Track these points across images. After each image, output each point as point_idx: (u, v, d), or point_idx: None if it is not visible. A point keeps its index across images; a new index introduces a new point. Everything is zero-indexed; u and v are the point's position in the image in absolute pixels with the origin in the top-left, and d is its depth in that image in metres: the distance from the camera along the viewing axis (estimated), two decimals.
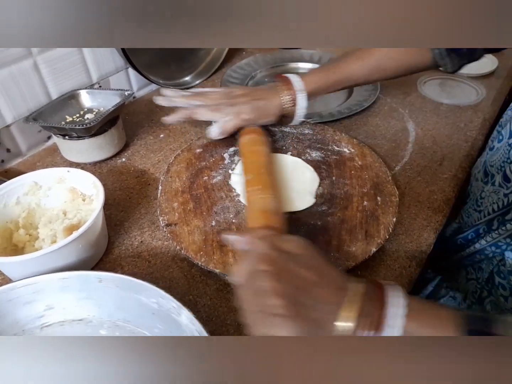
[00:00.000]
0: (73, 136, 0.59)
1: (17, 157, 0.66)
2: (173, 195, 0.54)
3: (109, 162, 0.65)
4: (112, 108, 0.59)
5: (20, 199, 0.50)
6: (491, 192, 0.54)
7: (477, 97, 0.76)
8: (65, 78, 0.68)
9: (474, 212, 0.58)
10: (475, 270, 0.58)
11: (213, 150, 0.62)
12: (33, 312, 0.41)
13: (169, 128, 0.72)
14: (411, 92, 0.79)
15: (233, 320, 0.42)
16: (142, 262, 0.49)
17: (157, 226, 0.53)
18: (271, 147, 0.60)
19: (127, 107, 0.77)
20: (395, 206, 0.51)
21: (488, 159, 0.57)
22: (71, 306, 0.42)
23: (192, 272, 0.47)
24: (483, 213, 0.55)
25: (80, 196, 0.51)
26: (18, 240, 0.47)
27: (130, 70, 0.79)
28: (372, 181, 0.54)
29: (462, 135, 0.68)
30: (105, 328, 0.41)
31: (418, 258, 0.48)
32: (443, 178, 0.59)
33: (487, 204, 0.54)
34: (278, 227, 0.43)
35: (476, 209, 0.58)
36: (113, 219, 0.54)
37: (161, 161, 0.65)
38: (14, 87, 0.61)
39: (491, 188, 0.54)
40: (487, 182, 0.56)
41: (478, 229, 0.57)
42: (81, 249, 0.44)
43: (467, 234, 0.59)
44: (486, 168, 0.57)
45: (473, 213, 0.59)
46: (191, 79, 0.85)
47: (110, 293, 0.41)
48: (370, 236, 0.47)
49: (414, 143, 0.66)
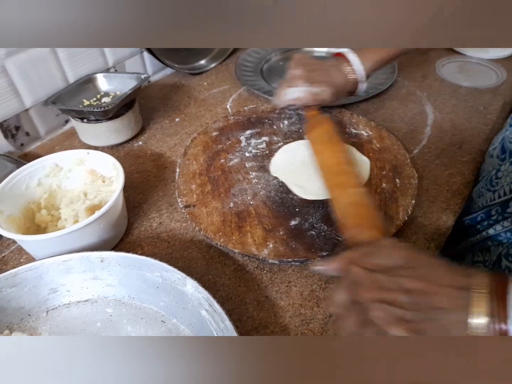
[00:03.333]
0: (91, 119, 0.60)
1: (36, 141, 0.67)
2: (190, 177, 0.54)
3: (126, 145, 0.65)
4: (129, 91, 0.60)
5: (41, 181, 0.50)
6: (510, 171, 0.52)
7: (497, 79, 0.75)
8: (82, 62, 0.68)
9: (487, 192, 0.56)
10: (482, 253, 0.56)
11: (229, 133, 0.62)
12: (38, 296, 0.42)
13: (184, 112, 0.72)
14: (429, 75, 0.77)
15: (252, 299, 0.43)
16: (161, 243, 0.49)
17: (175, 208, 0.54)
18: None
19: (142, 91, 0.77)
20: (414, 188, 0.50)
21: (508, 135, 0.56)
22: (76, 288, 0.43)
23: (210, 253, 0.48)
24: (498, 193, 0.53)
25: (100, 178, 0.52)
26: (40, 220, 0.48)
27: (145, 54, 0.79)
28: (390, 163, 0.54)
29: (482, 118, 0.66)
30: (111, 307, 0.42)
31: (437, 241, 0.48)
32: (462, 161, 0.58)
33: (504, 184, 0.53)
34: (378, 224, 0.41)
35: (489, 188, 0.56)
36: (131, 201, 0.55)
37: (177, 144, 0.65)
38: (33, 71, 0.62)
39: (510, 167, 0.52)
40: (504, 159, 0.54)
41: (490, 210, 0.55)
42: (102, 229, 0.45)
43: (476, 216, 0.57)
44: (504, 145, 0.56)
45: (485, 193, 0.57)
46: (206, 62, 0.85)
47: (113, 272, 0.42)
48: (389, 218, 0.47)
49: (433, 126, 0.65)
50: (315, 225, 0.47)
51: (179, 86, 0.80)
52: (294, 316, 0.41)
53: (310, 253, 0.44)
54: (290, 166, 0.55)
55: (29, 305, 0.42)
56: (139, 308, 0.42)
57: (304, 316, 0.41)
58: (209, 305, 0.37)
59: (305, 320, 0.41)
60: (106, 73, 0.68)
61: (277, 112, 0.65)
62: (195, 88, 0.79)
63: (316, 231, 0.46)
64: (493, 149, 0.59)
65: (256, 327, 0.41)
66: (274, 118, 0.64)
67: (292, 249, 0.44)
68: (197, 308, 0.38)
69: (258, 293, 0.43)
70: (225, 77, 0.82)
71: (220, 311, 0.36)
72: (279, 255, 0.44)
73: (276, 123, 0.63)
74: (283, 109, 0.64)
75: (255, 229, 0.47)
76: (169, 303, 0.41)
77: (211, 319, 0.37)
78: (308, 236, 0.46)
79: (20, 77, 0.61)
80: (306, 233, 0.46)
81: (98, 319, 0.41)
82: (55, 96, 0.61)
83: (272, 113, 0.65)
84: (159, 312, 0.41)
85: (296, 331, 0.40)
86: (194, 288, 0.38)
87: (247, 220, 0.48)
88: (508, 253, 0.52)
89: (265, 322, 0.41)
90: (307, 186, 0.52)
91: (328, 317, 0.41)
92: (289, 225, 0.47)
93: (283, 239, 0.45)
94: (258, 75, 0.79)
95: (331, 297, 0.35)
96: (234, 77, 0.79)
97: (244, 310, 0.42)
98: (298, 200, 0.50)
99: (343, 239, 0.44)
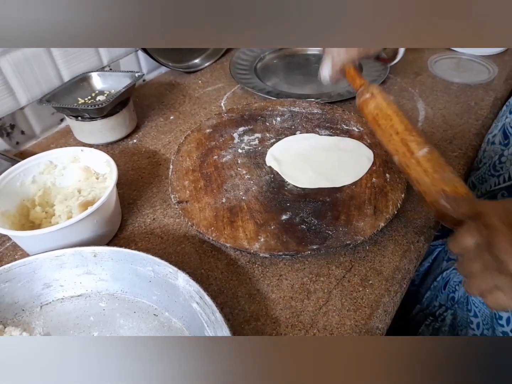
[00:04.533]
0: (85, 117, 0.61)
1: (31, 139, 0.68)
2: (184, 173, 0.55)
3: (120, 143, 0.66)
4: (123, 89, 0.60)
5: (36, 178, 0.51)
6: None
7: (489, 75, 0.75)
8: (77, 61, 0.68)
9: (491, 177, 0.57)
10: None
11: (222, 130, 0.62)
12: (31, 291, 0.42)
13: (179, 110, 0.73)
14: (421, 71, 0.78)
15: (244, 292, 0.43)
16: (155, 238, 0.50)
17: (168, 204, 0.54)
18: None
19: (137, 90, 0.78)
20: (403, 182, 0.51)
21: (508, 122, 0.56)
22: (69, 283, 0.43)
23: (203, 248, 0.48)
24: (503, 177, 0.54)
25: (94, 175, 0.52)
26: (35, 217, 0.49)
27: (139, 53, 0.79)
28: (381, 158, 0.55)
29: (473, 114, 0.67)
30: (104, 301, 0.43)
31: (427, 234, 0.49)
32: (452, 156, 0.59)
33: (509, 167, 0.53)
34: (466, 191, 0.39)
35: (493, 174, 0.56)
36: (126, 198, 0.56)
37: (172, 142, 0.65)
38: (28, 69, 0.62)
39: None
40: (507, 144, 0.55)
41: (495, 194, 0.55)
42: (96, 225, 0.45)
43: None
44: (506, 130, 0.56)
45: (489, 178, 0.57)
46: (200, 61, 0.85)
47: (106, 266, 0.42)
48: (378, 211, 0.47)
49: (424, 122, 0.65)
50: (306, 219, 0.47)
51: (174, 85, 0.81)
52: (285, 308, 0.42)
53: (300, 247, 0.44)
54: (285, 157, 0.56)
55: (23, 300, 0.42)
56: (132, 302, 0.43)
57: (294, 308, 0.42)
58: (199, 298, 0.37)
59: (295, 313, 0.41)
60: (100, 72, 0.68)
61: (270, 109, 0.66)
62: (189, 86, 0.80)
63: (306, 225, 0.47)
64: (492, 137, 0.60)
65: (248, 320, 0.41)
66: (267, 115, 0.65)
67: (283, 243, 0.45)
68: (189, 301, 0.39)
69: (250, 286, 0.44)
70: (219, 75, 0.83)
71: (210, 304, 0.36)
72: (270, 248, 0.44)
73: (268, 120, 0.64)
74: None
75: (247, 223, 0.47)
76: (161, 296, 0.41)
77: (202, 312, 0.38)
78: (299, 230, 0.46)
79: (15, 76, 0.61)
80: (297, 227, 0.47)
81: (91, 314, 0.42)
82: (50, 95, 0.61)
83: (265, 110, 0.66)
84: (151, 305, 0.42)
85: (287, 323, 0.40)
86: (185, 281, 0.39)
87: (239, 215, 0.48)
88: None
89: (257, 315, 0.41)
90: (300, 175, 0.53)
91: (318, 309, 0.42)
92: (280, 219, 0.48)
93: (274, 233, 0.46)
94: (252, 73, 0.80)
95: (456, 239, 0.33)
96: (228, 75, 0.80)
97: (236, 303, 0.43)
98: (289, 195, 0.51)
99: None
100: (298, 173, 0.54)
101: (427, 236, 0.48)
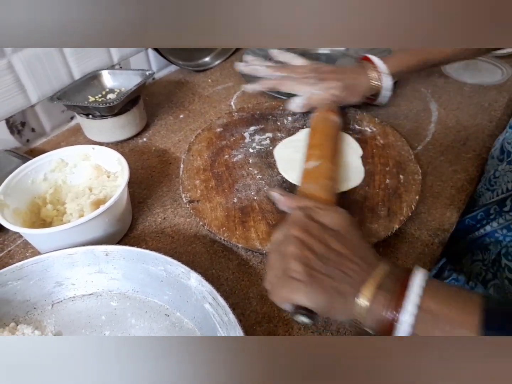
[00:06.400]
0: (96, 115, 0.60)
1: (42, 137, 0.68)
2: (194, 173, 0.55)
3: (130, 142, 0.66)
4: (133, 88, 0.60)
5: (47, 176, 0.51)
6: (507, 170, 0.53)
7: (502, 76, 0.74)
8: (87, 59, 0.68)
9: (487, 191, 0.57)
10: (481, 251, 0.57)
11: (233, 129, 0.62)
12: (43, 290, 0.42)
13: (188, 109, 0.73)
14: (434, 72, 0.77)
15: (256, 293, 0.43)
16: (165, 238, 0.50)
17: (179, 203, 0.54)
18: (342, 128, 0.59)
19: (147, 88, 0.78)
20: (418, 184, 0.50)
21: (507, 137, 0.56)
22: (81, 281, 0.43)
23: (214, 248, 0.48)
24: (496, 192, 0.55)
25: (105, 173, 0.52)
26: (46, 215, 0.49)
27: (150, 51, 0.79)
28: (394, 159, 0.54)
29: (486, 115, 0.66)
30: (115, 301, 0.43)
31: (441, 237, 0.48)
32: (466, 157, 0.58)
33: (501, 183, 0.54)
34: (327, 198, 0.44)
35: (489, 188, 0.57)
36: (136, 196, 0.55)
37: (182, 140, 0.65)
38: (39, 67, 0.62)
39: (507, 167, 0.53)
40: (502, 160, 0.55)
41: (489, 208, 0.56)
42: (107, 223, 0.45)
43: (476, 214, 0.58)
44: (503, 146, 0.56)
45: (485, 192, 0.58)
46: (211, 60, 0.85)
47: (118, 265, 0.42)
48: (392, 213, 0.47)
49: (437, 123, 0.65)
50: None
51: (184, 83, 0.80)
52: None
53: None
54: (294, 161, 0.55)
55: (35, 298, 0.42)
56: (143, 302, 0.42)
57: None
58: (212, 299, 0.37)
59: None
60: (111, 70, 0.68)
61: (281, 109, 0.65)
62: (199, 85, 0.80)
63: None
64: (494, 150, 0.60)
65: (260, 321, 0.41)
66: (278, 114, 0.64)
67: None
68: (201, 301, 0.38)
69: (262, 287, 0.44)
70: (229, 74, 0.82)
71: (223, 304, 0.36)
72: None
73: (280, 119, 0.63)
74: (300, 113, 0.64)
75: (258, 224, 0.47)
76: (173, 296, 0.41)
77: (214, 313, 0.37)
78: None
79: (26, 73, 0.61)
80: None
81: (102, 313, 0.42)
82: (60, 92, 0.61)
83: (276, 110, 0.65)
84: (163, 305, 0.42)
85: (300, 325, 0.40)
86: (198, 281, 0.38)
87: (250, 215, 0.48)
88: (507, 252, 0.52)
89: (269, 316, 0.41)
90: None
91: None
92: None
93: None
94: None
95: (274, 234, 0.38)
96: (238, 74, 0.79)
97: (248, 304, 0.42)
98: None
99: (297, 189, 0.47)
100: None
101: (441, 239, 0.48)
